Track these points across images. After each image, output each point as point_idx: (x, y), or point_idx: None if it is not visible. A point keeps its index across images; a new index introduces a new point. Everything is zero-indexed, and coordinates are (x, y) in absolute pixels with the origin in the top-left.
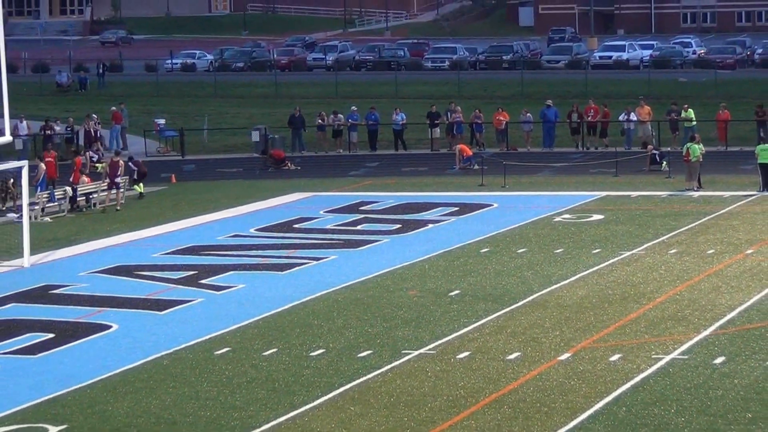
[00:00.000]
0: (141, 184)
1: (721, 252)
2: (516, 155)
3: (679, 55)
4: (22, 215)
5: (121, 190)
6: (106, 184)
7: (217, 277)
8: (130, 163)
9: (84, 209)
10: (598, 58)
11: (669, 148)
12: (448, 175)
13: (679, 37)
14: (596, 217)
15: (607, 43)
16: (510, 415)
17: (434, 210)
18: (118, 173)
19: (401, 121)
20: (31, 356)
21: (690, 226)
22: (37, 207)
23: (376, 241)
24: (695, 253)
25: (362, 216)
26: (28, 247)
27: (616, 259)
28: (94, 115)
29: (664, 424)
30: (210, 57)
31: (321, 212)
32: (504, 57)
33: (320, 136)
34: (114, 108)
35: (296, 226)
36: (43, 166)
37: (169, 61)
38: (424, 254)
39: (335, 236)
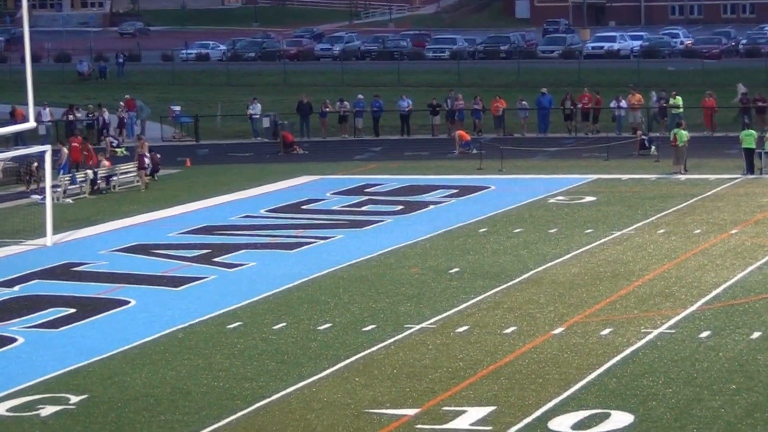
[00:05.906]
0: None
1: (707, 232)
2: (512, 140)
3: (668, 45)
4: (45, 197)
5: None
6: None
7: (229, 255)
8: (148, 155)
9: (104, 191)
10: (590, 48)
11: (657, 134)
12: (448, 159)
13: (667, 29)
14: (588, 198)
15: (599, 34)
16: (506, 386)
17: (435, 192)
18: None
19: (407, 106)
20: (54, 330)
21: (677, 207)
22: (59, 189)
23: (380, 221)
24: (682, 233)
25: (367, 198)
26: (50, 227)
27: (607, 238)
28: (121, 103)
29: (652, 395)
30: (223, 47)
31: (328, 194)
32: (501, 47)
33: (322, 122)
34: (127, 96)
35: (304, 207)
36: (65, 150)
37: (185, 52)
38: (426, 234)
39: (341, 217)
